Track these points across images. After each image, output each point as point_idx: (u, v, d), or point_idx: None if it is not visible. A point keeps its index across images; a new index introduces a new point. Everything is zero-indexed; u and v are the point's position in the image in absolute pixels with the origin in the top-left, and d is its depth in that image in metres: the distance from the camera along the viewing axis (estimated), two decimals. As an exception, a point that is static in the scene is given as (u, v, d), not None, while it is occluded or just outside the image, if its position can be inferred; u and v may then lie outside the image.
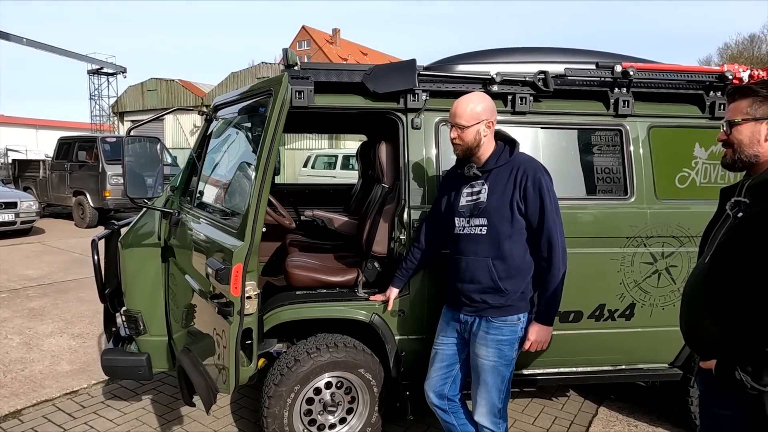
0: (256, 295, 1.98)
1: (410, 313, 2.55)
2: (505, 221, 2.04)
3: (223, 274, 1.87)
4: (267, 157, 1.94)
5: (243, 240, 1.95)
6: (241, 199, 2.24)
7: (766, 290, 1.33)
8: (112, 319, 2.91)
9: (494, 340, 2.09)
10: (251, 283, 1.94)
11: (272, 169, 1.98)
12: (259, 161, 1.96)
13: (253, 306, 1.96)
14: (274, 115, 1.96)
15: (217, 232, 2.20)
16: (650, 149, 2.72)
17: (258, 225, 1.95)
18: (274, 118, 1.95)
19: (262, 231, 3.36)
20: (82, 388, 3.44)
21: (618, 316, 2.70)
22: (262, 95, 2.19)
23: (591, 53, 2.91)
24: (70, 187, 10.74)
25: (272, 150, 1.93)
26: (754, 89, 1.48)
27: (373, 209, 2.88)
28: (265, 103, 2.09)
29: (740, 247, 1.41)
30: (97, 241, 2.68)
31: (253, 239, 1.93)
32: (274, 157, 1.94)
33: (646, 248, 2.66)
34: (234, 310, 1.88)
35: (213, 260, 2.00)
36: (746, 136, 1.48)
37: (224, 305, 1.91)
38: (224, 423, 3.03)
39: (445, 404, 2.25)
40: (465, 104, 2.07)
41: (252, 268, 1.94)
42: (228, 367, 1.95)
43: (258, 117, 2.23)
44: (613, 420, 3.14)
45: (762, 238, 1.35)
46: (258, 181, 1.94)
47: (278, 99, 1.97)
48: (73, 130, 23.80)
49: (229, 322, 1.91)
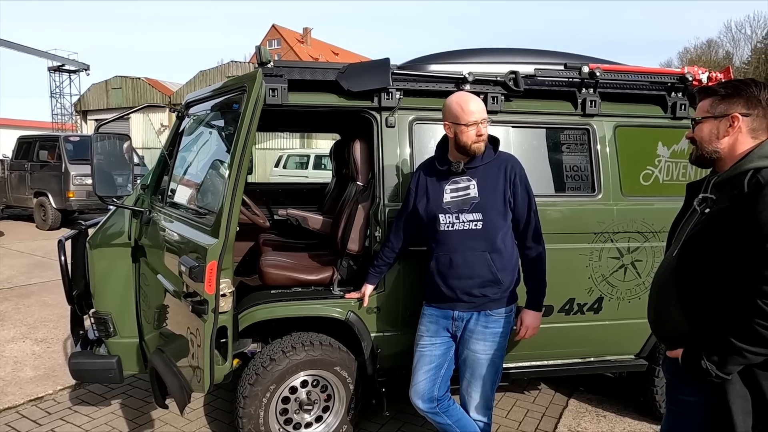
0: (231, 292, 1.97)
1: (386, 309, 2.57)
2: (499, 215, 2.12)
3: (197, 272, 1.85)
4: (241, 154, 1.92)
5: (217, 237, 1.93)
6: (214, 196, 2.22)
7: (730, 283, 1.40)
8: (79, 322, 2.83)
9: (492, 333, 2.15)
10: (226, 281, 1.93)
11: (246, 167, 1.96)
12: (233, 158, 1.94)
13: (227, 304, 1.94)
14: (248, 111, 1.94)
15: (191, 230, 2.17)
16: (616, 148, 2.81)
17: (232, 222, 1.94)
18: (248, 115, 1.94)
19: (237, 230, 3.34)
20: (48, 394, 3.33)
21: (587, 309, 2.78)
22: (236, 92, 2.17)
23: (560, 54, 3.00)
24: (31, 187, 10.35)
25: (246, 147, 1.92)
26: (714, 89, 1.55)
27: (347, 207, 2.89)
28: (239, 100, 2.07)
29: (707, 242, 1.47)
30: (64, 242, 2.61)
31: (227, 236, 1.92)
32: (248, 154, 1.93)
33: (612, 243, 2.75)
34: (208, 308, 1.86)
35: (187, 258, 1.97)
36: (706, 133, 1.55)
37: (198, 303, 1.89)
38: (198, 425, 2.99)
39: (435, 407, 2.21)
40: (478, 101, 2.12)
41: (227, 266, 1.92)
42: (203, 366, 1.93)
43: (231, 114, 2.21)
44: (583, 411, 3.23)
45: (726, 233, 1.41)
46: (232, 179, 1.92)
47: (252, 95, 1.96)
48: (33, 129, 22.90)
49: (204, 320, 1.89)
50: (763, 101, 1.48)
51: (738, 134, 1.51)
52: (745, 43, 44.18)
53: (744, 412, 1.37)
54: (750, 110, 1.49)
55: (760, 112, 1.49)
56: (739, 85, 1.51)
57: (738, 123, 1.50)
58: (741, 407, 1.37)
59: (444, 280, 2.15)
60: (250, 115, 1.95)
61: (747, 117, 1.49)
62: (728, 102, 1.51)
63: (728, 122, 1.51)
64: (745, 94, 1.49)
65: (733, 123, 1.50)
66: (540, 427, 3.05)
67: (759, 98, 1.48)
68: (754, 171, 1.41)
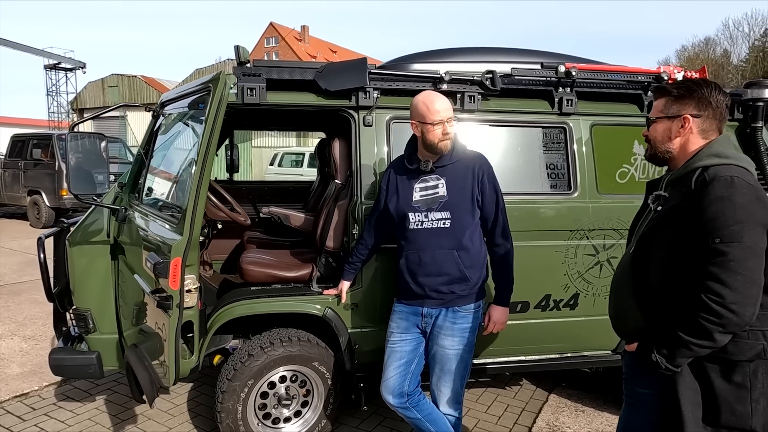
0: (196, 288, 2.01)
1: (363, 306, 2.60)
2: (467, 213, 2.14)
3: (162, 268, 1.90)
4: (205, 153, 1.96)
5: (182, 234, 1.97)
6: (182, 194, 2.25)
7: (680, 279, 1.44)
8: (62, 319, 2.87)
9: (460, 329, 2.18)
10: (191, 277, 1.97)
11: (211, 165, 2.00)
12: (197, 157, 1.98)
13: (193, 299, 1.99)
14: (211, 111, 1.98)
15: (159, 227, 2.21)
16: (592, 146, 2.85)
17: (197, 219, 1.97)
18: (212, 115, 1.98)
19: (219, 228, 3.38)
20: (33, 390, 3.36)
21: (563, 305, 2.82)
22: (203, 92, 2.20)
23: (540, 53, 3.03)
24: (25, 186, 10.36)
25: (210, 145, 1.95)
26: (668, 89, 1.59)
27: (326, 205, 2.92)
28: (205, 100, 2.11)
29: (658, 239, 1.52)
30: (43, 240, 2.64)
31: (191, 233, 1.95)
32: (213, 152, 1.97)
33: (588, 240, 2.79)
34: (173, 303, 1.91)
35: (153, 254, 2.03)
36: (659, 133, 1.59)
37: (164, 299, 1.93)
38: (180, 420, 3.02)
39: (405, 401, 2.25)
40: (444, 99, 2.13)
41: (192, 262, 1.96)
42: (168, 359, 1.97)
43: (199, 113, 2.24)
44: (562, 406, 3.28)
45: (676, 230, 1.45)
46: (196, 177, 1.96)
47: (216, 96, 1.99)
48: (29, 127, 22.90)
49: (169, 315, 1.93)
50: (713, 102, 1.52)
51: (689, 134, 1.54)
52: (742, 41, 44.27)
53: (693, 403, 1.41)
54: (701, 111, 1.53)
55: (710, 113, 1.53)
56: (692, 86, 1.54)
57: (689, 124, 1.53)
58: (690, 399, 1.41)
59: (413, 278, 2.18)
60: (213, 115, 1.99)
61: (698, 118, 1.53)
62: (680, 103, 1.55)
63: (680, 123, 1.55)
64: (696, 95, 1.53)
65: (685, 124, 1.54)
66: (519, 422, 3.09)
67: (709, 100, 1.52)
68: (702, 169, 1.45)
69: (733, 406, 1.38)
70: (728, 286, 1.30)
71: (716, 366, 1.40)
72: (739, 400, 1.37)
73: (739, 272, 1.30)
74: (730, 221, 1.32)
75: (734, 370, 1.39)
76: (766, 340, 1.39)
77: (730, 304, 1.30)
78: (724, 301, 1.30)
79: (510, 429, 3.02)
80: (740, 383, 1.38)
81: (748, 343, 1.38)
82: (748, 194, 1.34)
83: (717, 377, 1.40)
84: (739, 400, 1.37)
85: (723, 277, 1.31)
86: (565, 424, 3.06)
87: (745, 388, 1.37)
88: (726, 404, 1.38)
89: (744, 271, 1.30)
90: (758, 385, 1.37)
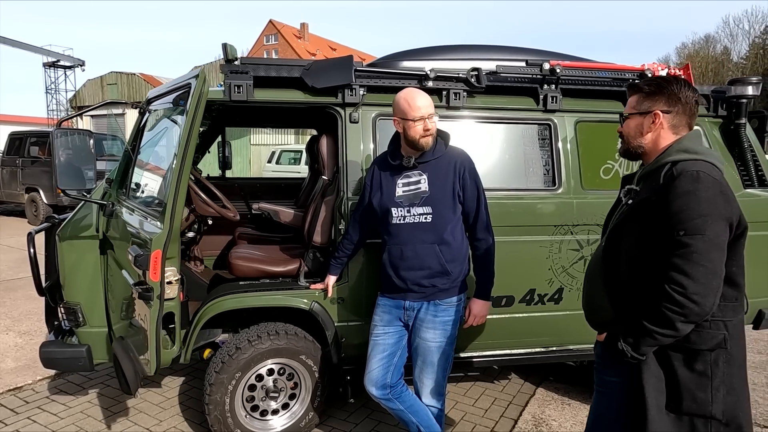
0: (177, 280, 2.06)
1: (349, 299, 2.64)
2: (448, 209, 2.18)
3: (142, 260, 1.95)
4: (185, 149, 2.00)
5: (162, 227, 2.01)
6: (163, 189, 2.29)
7: (645, 271, 1.48)
8: (54, 313, 2.91)
9: (441, 322, 2.22)
10: (171, 269, 2.01)
11: (191, 160, 2.04)
12: (177, 152, 2.02)
13: (173, 291, 2.04)
14: (191, 107, 2.02)
15: (142, 220, 2.26)
16: (577, 143, 2.88)
17: (177, 213, 2.02)
18: (191, 111, 2.02)
19: (209, 224, 3.41)
20: (27, 384, 3.41)
21: (547, 300, 2.86)
22: (184, 89, 2.24)
23: (524, 51, 3.06)
24: (23, 183, 10.40)
25: (190, 141, 2.00)
26: (639, 86, 1.63)
27: (314, 201, 2.96)
28: (186, 97, 2.15)
29: (627, 231, 1.56)
30: (33, 235, 2.68)
31: (171, 227, 2.00)
32: (192, 148, 2.01)
33: (572, 236, 2.83)
34: (154, 294, 1.95)
35: (135, 247, 2.08)
36: (632, 129, 1.63)
37: (145, 290, 1.98)
38: (171, 413, 3.07)
39: (388, 393, 2.29)
40: (425, 96, 2.16)
41: (172, 255, 2.00)
42: (150, 349, 2.02)
43: (181, 110, 2.29)
44: (549, 399, 3.32)
45: (644, 223, 1.49)
46: (176, 171, 2.01)
47: (195, 92, 2.04)
48: (28, 125, 22.94)
49: (150, 306, 1.98)
50: (683, 99, 1.56)
51: (660, 130, 1.58)
52: (743, 39, 44.23)
53: (657, 390, 1.45)
54: (671, 107, 1.57)
55: (680, 109, 1.57)
56: (662, 83, 1.58)
57: (660, 120, 1.57)
58: (654, 386, 1.45)
59: (396, 271, 2.22)
60: (192, 111, 2.03)
61: (668, 114, 1.57)
62: (652, 99, 1.59)
63: (651, 118, 1.59)
64: (666, 92, 1.57)
65: (656, 119, 1.58)
66: (505, 415, 3.14)
67: (679, 96, 1.56)
68: (671, 164, 1.49)
69: (694, 393, 1.42)
70: (690, 277, 1.34)
71: (680, 355, 1.44)
72: (701, 388, 1.41)
73: (701, 264, 1.34)
74: (694, 214, 1.36)
75: (696, 358, 1.43)
76: (728, 330, 1.43)
77: (692, 294, 1.34)
78: (686, 291, 1.34)
79: (496, 422, 3.06)
80: (702, 371, 1.42)
81: (710, 333, 1.42)
82: (713, 189, 1.38)
83: (680, 366, 1.44)
84: (700, 387, 1.41)
85: (686, 268, 1.35)
86: (551, 417, 3.10)
87: (706, 376, 1.42)
88: (688, 391, 1.42)
89: (706, 263, 1.34)
90: (719, 373, 1.42)
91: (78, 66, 27.99)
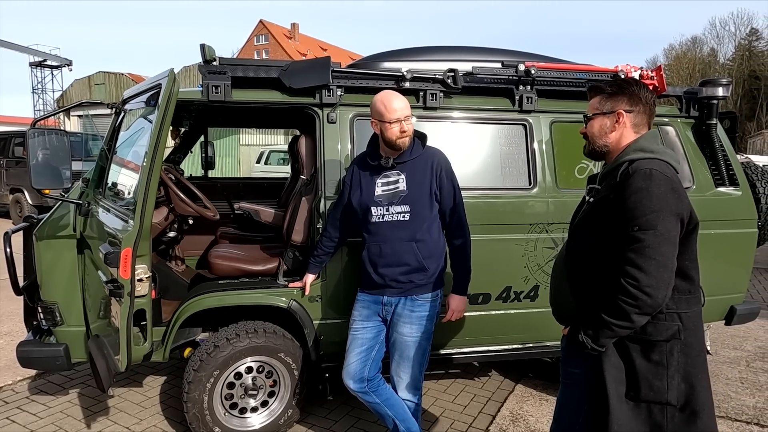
0: (147, 277, 2.09)
1: (327, 297, 2.67)
2: (425, 207, 2.23)
3: (113, 258, 1.98)
4: (155, 148, 2.03)
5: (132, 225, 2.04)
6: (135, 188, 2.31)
7: (603, 266, 1.53)
8: (32, 313, 2.90)
9: (418, 317, 2.27)
10: (142, 267, 2.04)
11: (161, 159, 2.07)
12: (148, 150, 2.05)
13: (144, 288, 2.07)
14: (161, 107, 2.05)
15: (114, 219, 2.29)
16: (552, 143, 2.94)
17: (147, 211, 2.05)
18: (161, 111, 2.05)
19: (190, 224, 3.42)
20: (7, 384, 3.40)
21: (523, 297, 2.91)
22: (155, 89, 2.27)
23: (502, 52, 3.11)
24: (7, 184, 10.33)
25: (160, 140, 2.03)
26: (601, 87, 1.68)
27: (293, 200, 2.99)
28: (158, 97, 2.17)
29: (587, 228, 1.61)
30: (10, 234, 2.69)
31: (142, 224, 2.02)
32: (162, 147, 2.04)
33: (548, 234, 2.88)
34: (124, 291, 1.98)
35: (105, 245, 2.11)
36: (596, 129, 1.68)
37: (116, 287, 2.01)
38: (152, 412, 3.08)
39: (365, 386, 2.33)
40: (401, 98, 2.20)
41: (143, 252, 2.03)
42: (121, 345, 2.04)
43: (153, 109, 2.31)
44: (527, 396, 3.37)
45: (602, 220, 1.54)
46: (146, 170, 2.03)
47: (165, 92, 2.06)
48: (14, 125, 22.67)
49: (121, 303, 2.01)
50: (643, 99, 1.61)
51: (623, 129, 1.64)
52: (729, 40, 44.87)
53: (616, 380, 1.51)
54: (632, 107, 1.62)
55: (641, 109, 1.62)
56: (623, 84, 1.64)
57: (623, 119, 1.62)
58: (614, 376, 1.51)
59: (374, 268, 2.27)
60: (162, 111, 2.06)
61: (630, 113, 1.62)
62: (614, 100, 1.64)
63: (614, 118, 1.64)
64: (627, 92, 1.62)
65: (619, 119, 1.63)
66: (484, 411, 3.18)
67: (640, 96, 1.61)
68: (628, 163, 1.54)
69: (651, 382, 1.47)
70: (643, 270, 1.39)
71: (637, 346, 1.50)
72: (657, 377, 1.47)
73: (653, 258, 1.39)
74: (646, 210, 1.41)
75: (653, 349, 1.48)
76: (681, 321, 1.49)
77: (645, 287, 1.39)
78: (639, 284, 1.40)
79: (474, 417, 3.10)
80: (658, 361, 1.47)
81: (665, 324, 1.48)
82: (664, 186, 1.43)
83: (638, 356, 1.49)
84: (657, 376, 1.47)
85: (639, 262, 1.40)
86: (528, 413, 3.15)
87: (662, 365, 1.47)
88: (645, 380, 1.48)
89: (657, 257, 1.39)
90: (674, 362, 1.47)
91: (65, 66, 27.77)
